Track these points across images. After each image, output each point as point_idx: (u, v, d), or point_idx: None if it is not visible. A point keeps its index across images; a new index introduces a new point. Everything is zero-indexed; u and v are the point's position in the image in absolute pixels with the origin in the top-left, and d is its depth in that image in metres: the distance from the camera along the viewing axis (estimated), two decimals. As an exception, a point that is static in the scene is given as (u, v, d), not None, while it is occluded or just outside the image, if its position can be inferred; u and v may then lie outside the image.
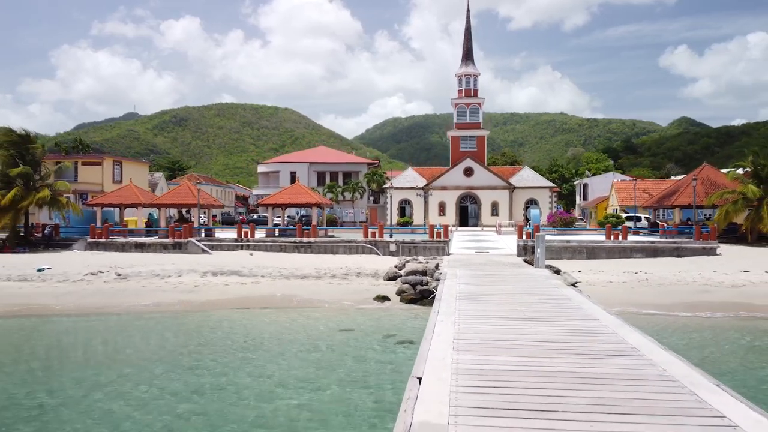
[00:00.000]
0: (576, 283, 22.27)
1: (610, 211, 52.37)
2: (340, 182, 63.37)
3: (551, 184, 57.96)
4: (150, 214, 44.16)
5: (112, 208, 39.32)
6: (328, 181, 63.66)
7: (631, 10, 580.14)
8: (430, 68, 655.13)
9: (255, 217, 59.36)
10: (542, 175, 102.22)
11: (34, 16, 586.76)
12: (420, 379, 6.87)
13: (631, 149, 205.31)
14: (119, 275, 23.96)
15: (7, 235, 30.98)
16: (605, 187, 58.98)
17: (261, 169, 70.39)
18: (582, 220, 56.89)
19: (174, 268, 25.27)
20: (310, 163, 65.41)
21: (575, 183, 77.14)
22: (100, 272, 24.34)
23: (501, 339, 9.18)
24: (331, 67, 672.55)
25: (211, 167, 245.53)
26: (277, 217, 43.51)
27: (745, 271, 25.22)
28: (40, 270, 24.20)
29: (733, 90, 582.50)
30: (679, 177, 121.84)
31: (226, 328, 17.28)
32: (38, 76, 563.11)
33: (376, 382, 11.64)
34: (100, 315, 18.73)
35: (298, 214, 52.18)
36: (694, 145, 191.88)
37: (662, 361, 7.77)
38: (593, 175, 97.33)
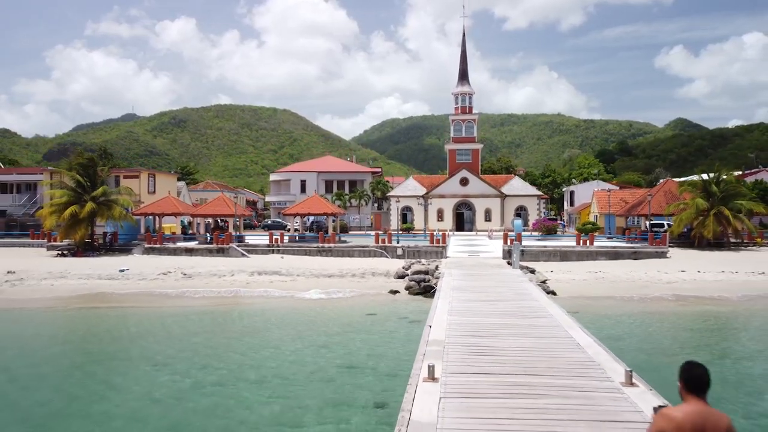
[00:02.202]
0: (546, 280, 29.21)
1: (591, 217, 59.26)
2: (347, 190, 70.15)
3: (539, 193, 64.89)
4: (181, 220, 50.85)
5: (151, 216, 45.94)
6: (335, 188, 70.46)
7: (627, 11, 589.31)
8: (427, 68, 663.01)
9: (269, 222, 66.01)
10: (536, 180, 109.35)
11: (28, 16, 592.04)
12: (431, 326, 13.63)
13: (626, 151, 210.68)
14: (185, 275, 30.69)
15: (76, 241, 37.62)
16: (590, 194, 65.79)
17: (273, 177, 77.18)
18: (564, 227, 63.56)
19: (226, 269, 32.01)
20: (319, 172, 72.26)
21: (563, 190, 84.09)
22: (169, 272, 31.06)
23: (476, 310, 15.97)
24: (327, 68, 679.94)
25: (211, 168, 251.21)
26: (296, 222, 50.03)
27: (682, 271, 32.10)
28: (121, 271, 30.89)
29: (730, 90, 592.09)
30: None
31: (282, 313, 23.96)
32: (33, 76, 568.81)
33: (397, 344, 18.35)
34: (183, 306, 25.37)
35: (308, 220, 58.57)
36: (687, 148, 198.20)
37: (562, 320, 14.56)
38: (584, 180, 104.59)
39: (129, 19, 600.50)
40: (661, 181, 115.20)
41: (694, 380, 4.16)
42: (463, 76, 64.77)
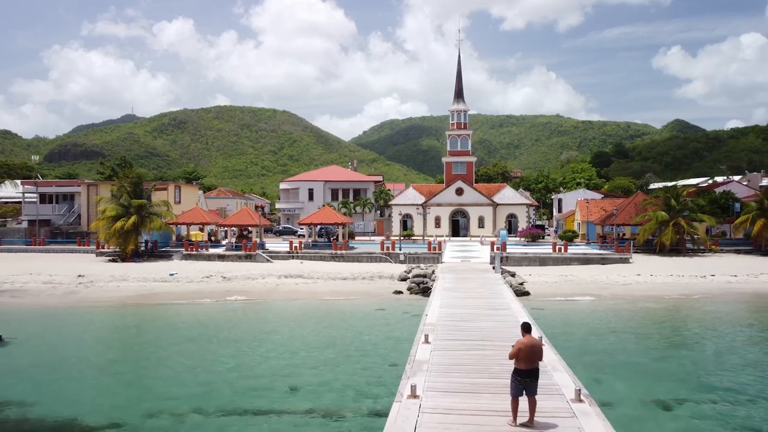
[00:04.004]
0: (523, 282, 36.10)
1: (575, 224, 66.25)
2: (351, 198, 77.14)
3: (528, 201, 71.90)
4: (208, 229, 57.68)
5: (180, 225, 52.80)
6: (340, 196, 77.47)
7: (625, 11, 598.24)
8: (425, 69, 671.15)
9: (281, 228, 72.91)
10: (530, 185, 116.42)
11: (23, 16, 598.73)
12: (427, 315, 20.60)
13: (622, 154, 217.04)
14: (224, 278, 37.63)
15: (123, 248, 44.49)
16: (575, 202, 72.69)
17: (283, 186, 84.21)
18: (557, 232, 70.30)
19: (257, 272, 38.95)
20: (325, 181, 79.35)
21: (553, 197, 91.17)
22: (211, 276, 37.99)
23: (460, 304, 22.98)
24: (324, 68, 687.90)
25: (211, 170, 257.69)
26: (309, 229, 56.76)
27: (638, 275, 39.07)
28: (171, 275, 37.80)
29: (727, 91, 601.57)
30: (659, 185, 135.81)
31: (310, 308, 30.87)
32: (30, 76, 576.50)
33: (401, 331, 25.27)
34: (231, 302, 32.24)
35: (318, 227, 65.22)
36: (683, 150, 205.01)
37: (516, 311, 21.55)
38: (576, 184, 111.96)
39: (125, 19, 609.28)
40: (653, 185, 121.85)
41: (527, 328, 11.10)
42: (459, 95, 71.93)
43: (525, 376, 10.62)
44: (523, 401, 10.69)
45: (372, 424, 14.44)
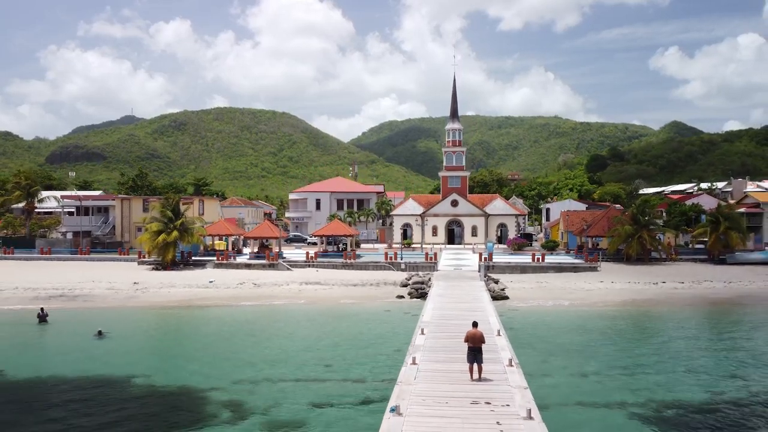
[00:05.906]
0: (504, 288, 44.42)
1: (559, 234, 74.65)
2: (355, 207, 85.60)
3: (516, 212, 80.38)
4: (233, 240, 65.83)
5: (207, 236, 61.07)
6: (345, 206, 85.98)
7: (623, 12, 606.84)
8: (423, 69, 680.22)
9: (291, 236, 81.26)
10: (524, 191, 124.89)
11: (19, 16, 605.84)
12: (423, 315, 28.99)
13: (618, 156, 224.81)
14: (255, 284, 45.97)
15: (164, 258, 52.81)
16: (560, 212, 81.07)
17: (292, 196, 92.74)
18: (536, 240, 78.86)
19: (282, 280, 47.30)
20: (331, 192, 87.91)
21: (542, 206, 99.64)
22: (243, 283, 46.33)
23: (448, 307, 31.42)
24: (322, 68, 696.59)
25: (211, 171, 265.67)
26: (314, 237, 64.98)
27: (600, 282, 47.42)
28: (210, 282, 46.11)
29: (725, 91, 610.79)
30: (650, 190, 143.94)
31: (330, 309, 39.19)
32: (27, 76, 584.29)
33: (403, 327, 33.57)
34: (265, 305, 40.54)
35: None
36: (678, 153, 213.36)
37: (489, 311, 29.98)
38: (570, 190, 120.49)
39: (121, 19, 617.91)
40: (642, 190, 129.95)
41: (474, 324, 19.47)
42: (454, 114, 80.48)
43: (472, 350, 18.82)
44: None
45: (384, 386, 22.76)
